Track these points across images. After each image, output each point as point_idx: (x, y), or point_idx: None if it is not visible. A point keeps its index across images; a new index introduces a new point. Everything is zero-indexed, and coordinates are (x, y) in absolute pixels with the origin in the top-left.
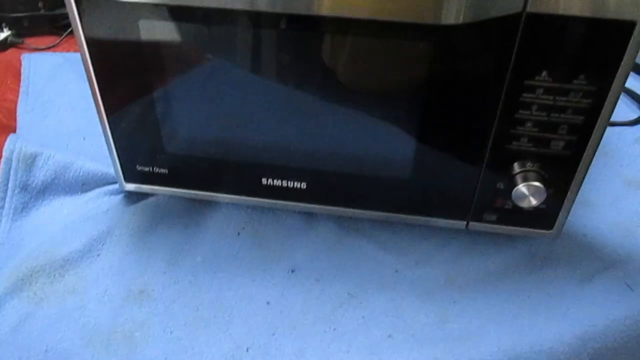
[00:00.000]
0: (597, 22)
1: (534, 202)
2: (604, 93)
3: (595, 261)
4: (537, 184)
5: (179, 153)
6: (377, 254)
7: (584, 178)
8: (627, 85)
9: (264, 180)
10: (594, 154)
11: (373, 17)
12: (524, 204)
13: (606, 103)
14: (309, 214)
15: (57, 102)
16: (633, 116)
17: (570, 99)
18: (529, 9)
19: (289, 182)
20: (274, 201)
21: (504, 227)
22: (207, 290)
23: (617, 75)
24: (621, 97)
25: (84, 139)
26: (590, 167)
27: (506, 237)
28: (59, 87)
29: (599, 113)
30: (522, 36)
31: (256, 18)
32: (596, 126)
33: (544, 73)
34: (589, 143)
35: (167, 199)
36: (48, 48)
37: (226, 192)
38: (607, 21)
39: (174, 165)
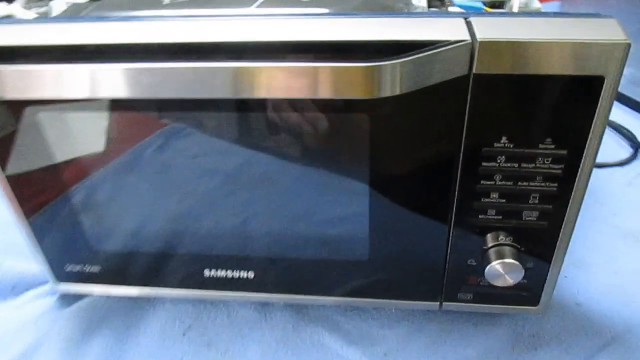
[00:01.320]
0: (559, 80)
1: (510, 281)
2: (577, 156)
3: (592, 338)
4: (511, 261)
5: (108, 249)
6: (340, 347)
7: (567, 248)
8: (617, 120)
9: (206, 272)
10: (576, 220)
11: (307, 97)
12: (499, 283)
13: (582, 166)
14: (264, 303)
15: None
16: (624, 155)
17: (538, 165)
18: (475, 70)
19: (235, 272)
20: (221, 293)
21: (482, 305)
22: None
23: (590, 135)
24: (611, 134)
25: None
26: (579, 218)
27: (488, 316)
28: None
29: (574, 178)
30: (473, 100)
31: (195, 103)
32: (573, 192)
33: (504, 139)
34: (568, 211)
35: (105, 298)
36: None
37: (167, 287)
38: (571, 78)
39: (106, 263)
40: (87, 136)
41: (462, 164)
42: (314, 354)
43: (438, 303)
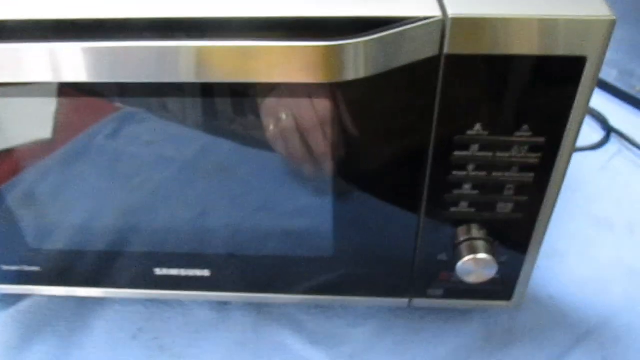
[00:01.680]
0: (536, 61)
1: (482, 277)
2: (555, 144)
3: (566, 331)
4: (484, 256)
5: (49, 248)
6: (303, 347)
7: (542, 240)
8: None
9: (157, 271)
10: (552, 212)
11: (259, 81)
12: (471, 279)
13: (560, 154)
14: (222, 302)
15: None
16: (596, 139)
17: (513, 154)
18: (447, 50)
19: (188, 271)
20: (174, 292)
21: (453, 301)
22: None
23: (570, 121)
24: None
25: None
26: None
27: (459, 311)
28: None
29: (552, 167)
30: (444, 84)
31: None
32: (550, 182)
33: (477, 126)
34: (544, 202)
35: (47, 300)
36: None
37: (116, 287)
38: (550, 59)
39: (47, 262)
40: (27, 123)
41: (433, 153)
42: (276, 356)
43: (407, 300)
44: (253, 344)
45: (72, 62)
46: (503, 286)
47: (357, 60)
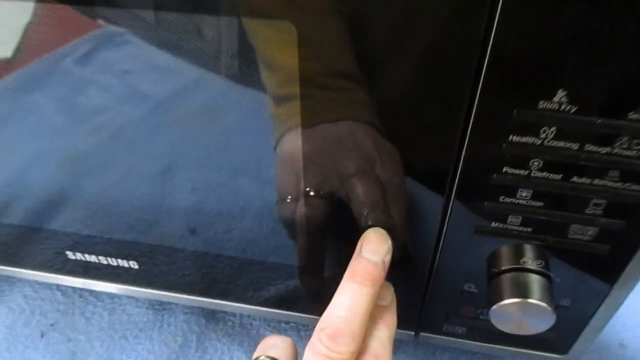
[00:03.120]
0: None
1: (528, 330)
2: None
3: None
4: (536, 302)
5: None
6: None
7: (636, 283)
8: None
9: (69, 254)
10: None
11: None
12: (509, 329)
13: None
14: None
15: None
16: None
17: (617, 150)
18: None
19: (109, 260)
20: (95, 282)
21: (478, 344)
22: None
23: None
24: None
25: None
26: None
27: (484, 354)
28: None
29: None
30: (504, 14)
31: None
32: None
33: (559, 95)
34: None
35: None
36: None
37: (24, 267)
38: None
39: None
40: None
41: (471, 135)
42: None
43: (413, 332)
44: (194, 357)
45: None
46: (558, 337)
47: None
